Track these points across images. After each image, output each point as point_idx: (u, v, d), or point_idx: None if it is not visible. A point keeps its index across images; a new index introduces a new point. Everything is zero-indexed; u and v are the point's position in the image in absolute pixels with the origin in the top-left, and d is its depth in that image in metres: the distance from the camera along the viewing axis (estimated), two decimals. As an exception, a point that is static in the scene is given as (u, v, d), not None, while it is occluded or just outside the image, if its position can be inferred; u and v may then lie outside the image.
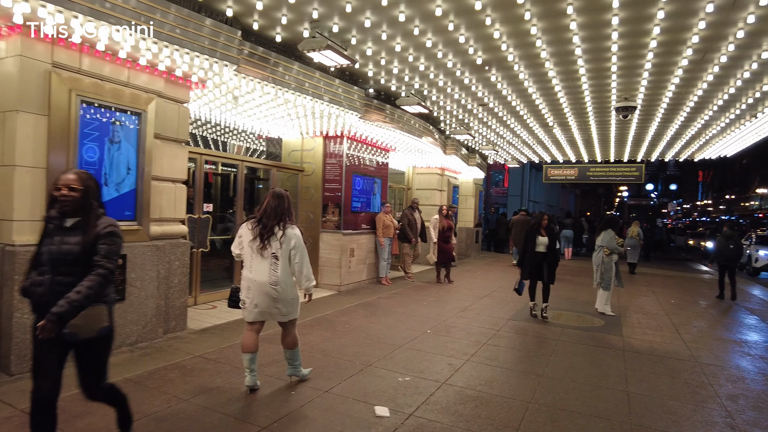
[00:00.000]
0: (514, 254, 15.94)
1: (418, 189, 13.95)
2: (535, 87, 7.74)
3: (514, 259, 15.87)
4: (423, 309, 7.90)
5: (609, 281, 8.16)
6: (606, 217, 8.53)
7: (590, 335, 6.76)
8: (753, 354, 6.23)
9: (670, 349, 6.26)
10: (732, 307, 9.63)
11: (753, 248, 17.35)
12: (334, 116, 7.62)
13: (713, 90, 7.47)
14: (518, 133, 11.23)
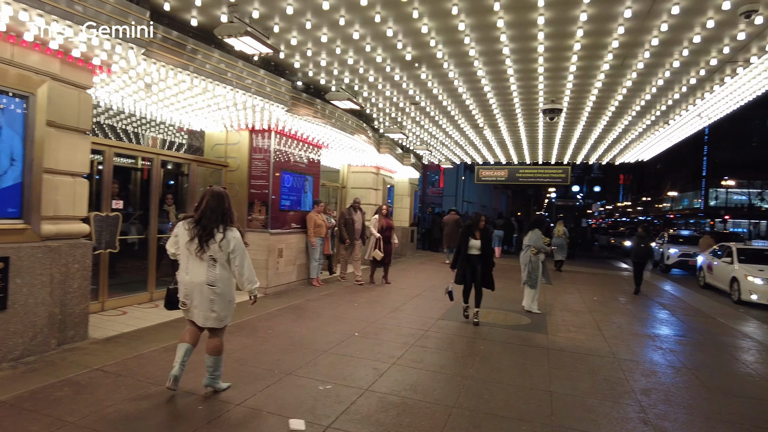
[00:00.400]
0: (447, 253, 16.16)
1: (354, 188, 13.71)
2: (465, 87, 7.73)
3: (447, 258, 16.09)
4: (353, 311, 7.67)
5: (536, 280, 8.33)
6: (533, 218, 8.70)
7: (517, 334, 6.81)
8: (664, 348, 6.52)
9: (591, 346, 6.42)
10: (646, 303, 10.17)
11: (665, 246, 18.61)
12: (259, 109, 7.21)
13: (632, 96, 7.81)
14: (450, 133, 11.29)
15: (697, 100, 7.73)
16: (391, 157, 11.75)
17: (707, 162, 65.67)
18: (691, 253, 17.13)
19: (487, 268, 7.20)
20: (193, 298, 3.91)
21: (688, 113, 8.50)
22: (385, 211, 10.18)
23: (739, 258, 12.28)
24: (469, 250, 7.16)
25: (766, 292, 10.88)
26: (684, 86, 7.11)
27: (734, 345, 7.02)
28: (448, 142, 12.47)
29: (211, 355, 4.08)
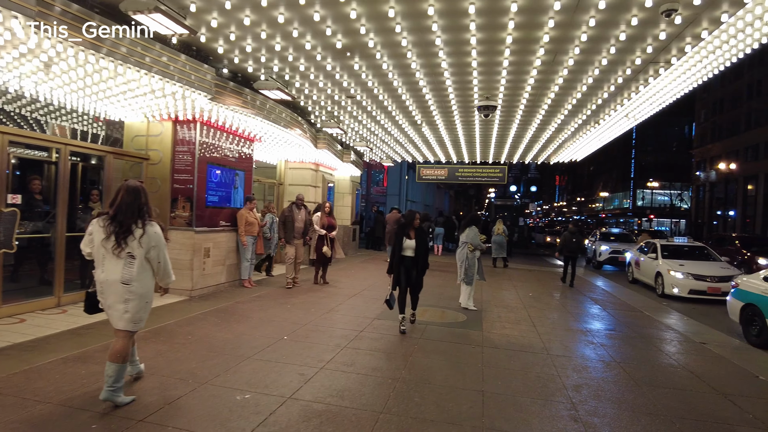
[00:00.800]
0: (388, 252, 16.00)
1: (292, 184, 13.23)
2: (400, 80, 7.54)
3: (389, 257, 15.95)
4: (285, 313, 7.27)
5: (472, 276, 8.27)
6: (470, 215, 8.65)
7: (452, 332, 6.68)
8: (595, 342, 6.61)
9: (525, 342, 6.39)
10: (579, 299, 10.43)
11: (597, 244, 19.40)
12: (179, 96, 6.67)
13: (563, 94, 7.92)
14: (389, 130, 11.11)
15: (625, 100, 7.96)
16: (329, 153, 11.39)
17: (634, 165, 70.00)
18: (620, 250, 17.93)
19: (420, 271, 6.59)
20: (107, 297, 3.73)
21: (617, 113, 8.76)
22: (327, 209, 9.78)
23: (662, 254, 12.91)
24: (404, 252, 6.52)
25: (686, 286, 11.47)
26: (612, 85, 7.28)
27: (659, 337, 7.24)
28: (387, 139, 12.29)
29: (112, 363, 3.69)
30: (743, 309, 8.03)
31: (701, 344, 6.90)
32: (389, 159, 15.61)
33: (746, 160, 46.99)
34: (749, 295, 7.92)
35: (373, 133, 11.52)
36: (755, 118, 46.70)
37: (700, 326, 8.33)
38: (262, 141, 9.83)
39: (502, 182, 17.25)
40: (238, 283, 9.28)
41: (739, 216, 48.18)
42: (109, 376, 3.68)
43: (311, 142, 10.27)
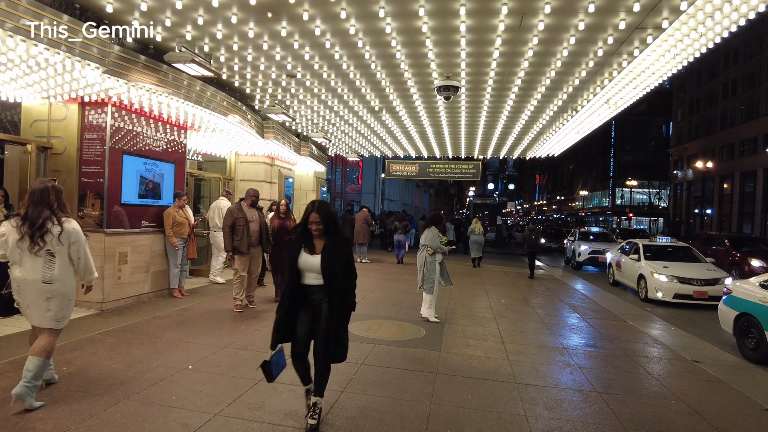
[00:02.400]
0: (358, 252, 14.93)
1: (243, 180, 12.00)
2: (342, 52, 6.38)
3: (358, 258, 14.85)
4: (205, 333, 6.07)
5: (433, 284, 7.20)
6: (430, 214, 7.58)
7: (404, 353, 5.58)
8: (573, 363, 5.58)
9: (490, 366, 5.33)
10: (556, 305, 9.45)
11: (576, 244, 18.54)
12: (69, 68, 5.42)
13: (535, 72, 6.83)
14: (347, 118, 9.95)
15: (605, 80, 6.95)
16: (282, 145, 10.19)
17: (614, 163, 70.14)
18: (601, 250, 17.12)
19: (338, 314, 3.52)
20: (25, 297, 3.68)
21: (596, 99, 7.77)
22: (283, 207, 8.11)
23: (645, 255, 12.05)
24: (304, 278, 3.59)
25: (670, 290, 10.60)
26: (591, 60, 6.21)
27: (644, 353, 6.26)
28: (348, 129, 11.15)
29: (35, 356, 3.59)
30: (738, 319, 7.12)
31: (694, 362, 5.94)
32: (354, 153, 14.47)
33: (722, 159, 47.12)
34: (744, 304, 7.01)
35: (330, 122, 10.35)
36: (730, 118, 46.85)
37: (689, 338, 7.40)
38: (197, 129, 8.60)
39: (476, 179, 16.29)
40: (168, 293, 8.05)
41: (715, 214, 48.32)
42: (29, 371, 3.53)
43: (256, 132, 9.07)
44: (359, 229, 14.97)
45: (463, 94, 7.66)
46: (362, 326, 6.67)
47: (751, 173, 42.61)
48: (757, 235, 29.22)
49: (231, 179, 12.00)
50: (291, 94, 8.39)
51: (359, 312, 7.54)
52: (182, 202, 8.02)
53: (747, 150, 43.73)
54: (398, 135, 11.49)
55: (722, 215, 47.24)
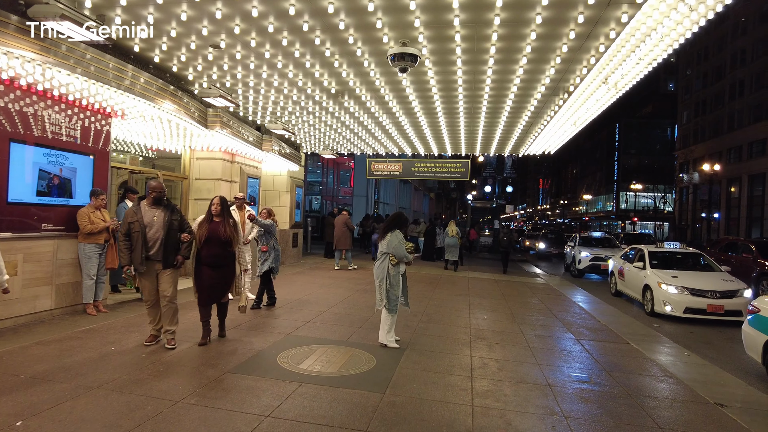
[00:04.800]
0: (336, 258, 13.74)
1: (199, 179, 10.74)
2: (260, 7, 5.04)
3: (336, 265, 13.62)
4: (85, 365, 4.77)
5: (396, 301, 5.86)
6: (392, 216, 6.24)
7: (335, 396, 4.25)
8: (558, 411, 4.22)
9: (445, 416, 3.99)
10: (549, 323, 8.08)
11: (576, 250, 17.14)
12: None
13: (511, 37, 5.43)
14: (304, 105, 8.60)
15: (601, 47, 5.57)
16: (230, 137, 8.86)
17: (618, 167, 68.67)
18: (603, 257, 15.73)
19: None
20: None
21: (591, 75, 6.42)
22: (216, 208, 6.55)
23: (651, 263, 10.67)
24: None
25: (680, 303, 9.23)
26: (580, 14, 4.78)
27: (652, 392, 4.91)
28: (312, 120, 9.84)
29: None
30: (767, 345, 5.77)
31: (717, 407, 4.57)
32: (330, 150, 13.16)
33: (729, 162, 45.63)
34: (777, 326, 5.66)
35: (287, 111, 9.02)
36: (738, 119, 45.38)
37: (707, 368, 6.03)
38: (122, 116, 7.32)
39: (465, 178, 14.98)
40: (81, 309, 6.75)
41: (723, 218, 46.77)
42: None
43: (197, 121, 7.77)
44: (340, 234, 13.72)
45: (430, 70, 6.35)
46: (298, 355, 5.35)
47: (759, 176, 41.10)
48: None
49: (186, 177, 10.74)
50: (219, 68, 7.08)
51: (303, 335, 6.26)
52: (99, 202, 6.73)
53: (755, 152, 42.22)
54: (371, 127, 10.17)
55: (730, 219, 45.67)
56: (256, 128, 10.21)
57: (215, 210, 5.54)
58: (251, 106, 8.91)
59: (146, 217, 5.12)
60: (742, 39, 45.48)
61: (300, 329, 6.56)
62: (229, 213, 5.59)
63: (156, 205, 5.22)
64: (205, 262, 5.46)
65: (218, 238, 5.45)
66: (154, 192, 5.19)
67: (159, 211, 5.23)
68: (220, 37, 5.61)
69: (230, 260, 5.64)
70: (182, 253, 5.31)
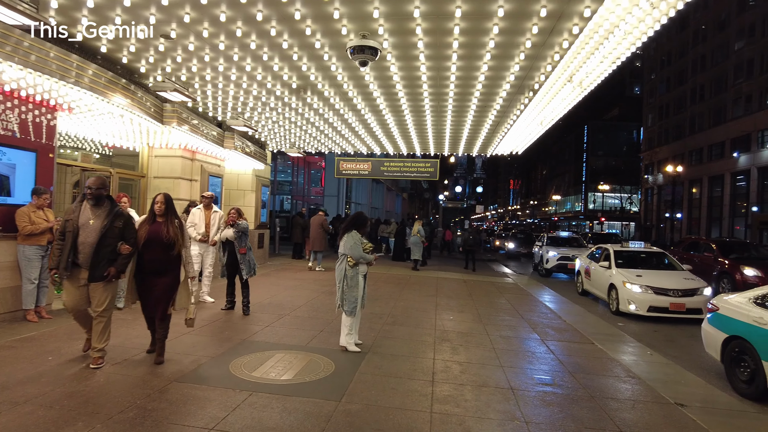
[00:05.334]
0: (312, 258, 13.65)
1: (158, 177, 10.29)
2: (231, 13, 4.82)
3: (312, 264, 13.36)
4: (17, 375, 4.41)
5: (355, 303, 5.65)
6: (351, 216, 6.04)
7: (287, 405, 4.01)
8: (519, 417, 4.09)
9: (402, 424, 3.80)
10: (514, 324, 8.01)
11: (544, 249, 17.27)
12: None
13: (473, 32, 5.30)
14: (265, 101, 8.26)
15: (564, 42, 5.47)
16: (189, 133, 8.47)
17: (586, 168, 70.18)
18: (570, 256, 15.87)
19: None
20: None
21: (556, 73, 6.35)
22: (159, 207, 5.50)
23: (616, 262, 10.77)
24: None
25: (644, 302, 9.33)
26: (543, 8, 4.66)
27: (615, 394, 4.85)
28: (276, 117, 9.53)
29: None
30: (727, 343, 5.79)
31: (678, 407, 4.54)
32: (296, 148, 12.85)
33: (691, 164, 47.14)
34: (734, 325, 5.68)
35: (249, 107, 8.69)
36: (699, 123, 46.94)
37: (669, 367, 6.04)
38: (69, 110, 6.88)
39: (434, 178, 14.91)
40: (21, 315, 6.30)
41: (685, 218, 48.30)
42: None
43: (152, 117, 7.39)
44: (315, 235, 13.56)
45: (393, 65, 6.16)
46: (253, 362, 5.09)
47: (718, 177, 42.59)
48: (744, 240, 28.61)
49: (143, 176, 10.28)
50: (191, 72, 6.79)
51: (261, 340, 5.98)
52: (42, 201, 6.29)
53: (714, 155, 43.74)
54: (337, 124, 9.93)
55: (692, 219, 47.20)
56: (217, 125, 9.84)
57: (158, 209, 4.86)
58: (210, 102, 8.55)
59: (82, 218, 4.51)
60: (702, 45, 47.07)
61: (258, 334, 6.29)
62: (174, 213, 4.97)
63: (97, 206, 4.59)
64: (145, 268, 4.83)
65: (160, 241, 4.77)
66: (89, 190, 4.54)
67: (99, 212, 4.58)
68: (171, 26, 5.30)
69: (174, 266, 4.94)
70: (117, 265, 4.59)
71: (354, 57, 5.22)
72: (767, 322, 5.17)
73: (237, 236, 7.33)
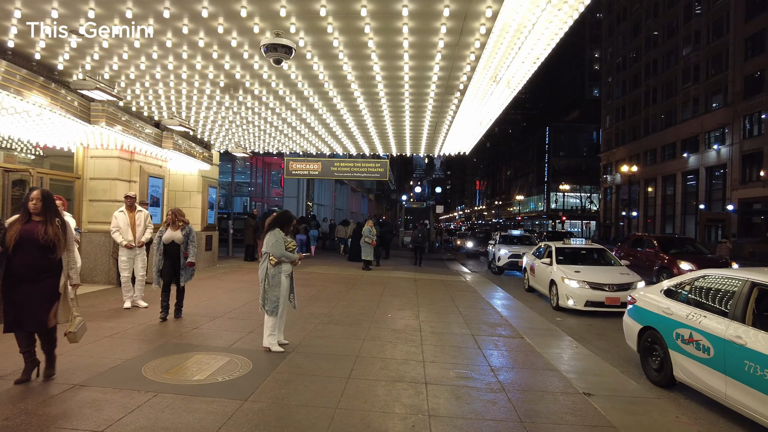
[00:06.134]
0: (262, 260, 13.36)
1: (94, 178, 9.97)
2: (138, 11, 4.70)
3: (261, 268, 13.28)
4: None
5: (276, 303, 5.60)
6: (275, 214, 5.99)
7: (190, 404, 3.94)
8: (423, 410, 4.13)
9: (302, 422, 3.79)
10: (450, 318, 8.10)
11: (497, 248, 17.61)
12: None
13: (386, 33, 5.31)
14: (198, 100, 8.04)
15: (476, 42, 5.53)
16: (119, 133, 8.20)
17: (548, 169, 71.86)
18: (520, 254, 16.20)
19: None
20: None
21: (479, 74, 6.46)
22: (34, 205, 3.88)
23: (557, 258, 11.06)
24: None
25: (581, 297, 9.61)
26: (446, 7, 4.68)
27: (527, 386, 4.97)
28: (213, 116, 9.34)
29: None
30: (641, 334, 6.02)
31: (585, 396, 4.68)
32: (242, 148, 12.67)
33: (646, 164, 48.89)
34: (648, 316, 5.92)
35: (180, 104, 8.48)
36: (652, 125, 48.76)
37: (590, 359, 6.23)
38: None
39: (383, 178, 14.99)
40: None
41: (641, 216, 50.03)
42: None
43: (78, 117, 7.13)
44: None
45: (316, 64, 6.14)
46: (168, 363, 4.99)
47: (671, 177, 44.32)
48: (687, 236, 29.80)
49: (78, 177, 9.94)
50: (113, 70, 6.59)
51: (185, 342, 5.86)
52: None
53: (667, 155, 45.50)
54: (277, 123, 9.80)
55: (647, 217, 48.95)
56: (154, 125, 9.59)
57: (33, 207, 4.19)
58: (143, 101, 8.32)
59: None
60: (654, 51, 48.93)
61: (184, 336, 6.16)
62: (55, 211, 4.36)
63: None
64: (17, 274, 4.12)
65: (36, 242, 4.12)
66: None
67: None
68: (79, 21, 5.13)
69: (53, 273, 4.27)
70: None
71: (268, 55, 5.18)
72: (673, 312, 5.41)
73: (185, 240, 6.89)
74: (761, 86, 33.21)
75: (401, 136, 10.42)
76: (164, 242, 6.90)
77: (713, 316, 4.87)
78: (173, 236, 6.90)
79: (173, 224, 6.94)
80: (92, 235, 9.73)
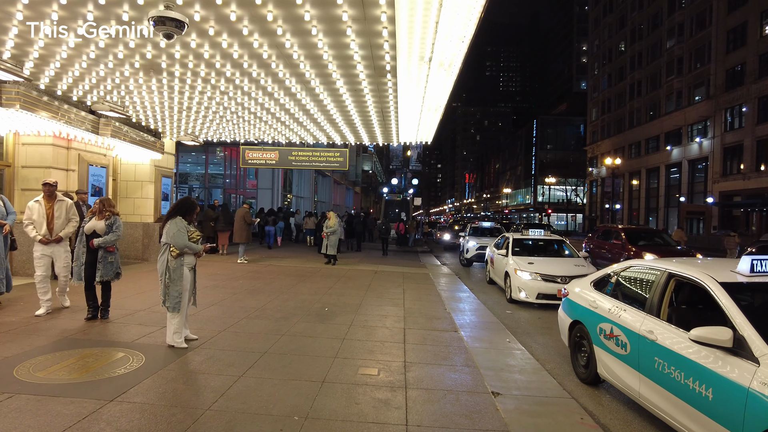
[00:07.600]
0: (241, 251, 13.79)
1: (26, 166, 9.53)
2: None
3: (240, 258, 13.60)
4: None
5: (178, 298, 5.24)
6: (177, 202, 5.61)
7: (46, 405, 3.58)
8: (303, 413, 3.81)
9: (161, 424, 3.46)
10: (392, 310, 7.78)
11: (466, 240, 17.35)
12: None
13: (285, 6, 5.02)
14: (120, 83, 7.52)
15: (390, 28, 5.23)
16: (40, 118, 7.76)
17: (535, 162, 71.80)
18: (486, 246, 15.96)
19: None
20: None
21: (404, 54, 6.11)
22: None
23: (513, 250, 10.79)
24: None
25: (533, 289, 9.35)
26: None
27: (435, 386, 4.65)
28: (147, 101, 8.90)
29: None
30: (571, 328, 5.75)
31: (491, 396, 4.38)
32: (191, 136, 12.23)
33: (630, 157, 48.87)
34: (576, 309, 5.64)
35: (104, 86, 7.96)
36: (637, 117, 48.70)
37: (520, 355, 5.92)
38: None
39: (343, 168, 14.65)
40: None
41: (625, 209, 50.10)
42: None
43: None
44: (238, 227, 13.95)
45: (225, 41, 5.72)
46: (49, 361, 4.63)
47: (655, 170, 44.32)
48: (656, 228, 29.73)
49: (8, 165, 9.48)
50: (18, 49, 6.13)
51: (81, 338, 5.46)
52: None
53: (651, 148, 45.47)
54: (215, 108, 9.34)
55: (632, 210, 49.02)
56: (89, 111, 9.15)
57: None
58: (66, 84, 7.80)
59: None
60: (639, 43, 48.77)
61: (88, 331, 5.80)
62: None
63: None
64: None
65: None
66: None
67: None
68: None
69: None
70: None
71: (157, 29, 4.77)
72: (598, 306, 5.13)
73: (107, 231, 6.27)
74: (742, 79, 33.15)
75: (351, 123, 10.04)
76: (86, 232, 6.33)
77: (632, 309, 4.59)
78: (95, 226, 6.30)
79: (99, 213, 6.38)
80: (24, 226, 9.30)
